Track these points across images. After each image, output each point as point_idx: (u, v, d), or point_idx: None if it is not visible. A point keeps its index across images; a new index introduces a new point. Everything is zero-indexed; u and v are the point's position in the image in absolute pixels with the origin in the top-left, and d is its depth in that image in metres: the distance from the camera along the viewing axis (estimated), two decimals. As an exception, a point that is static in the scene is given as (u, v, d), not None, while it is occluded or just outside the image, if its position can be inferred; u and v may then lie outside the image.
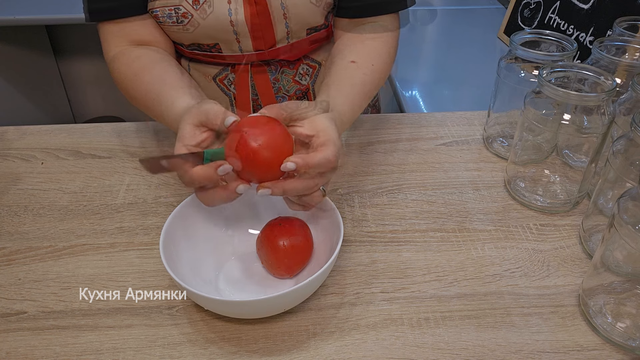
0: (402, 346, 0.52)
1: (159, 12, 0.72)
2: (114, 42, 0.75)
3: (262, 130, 0.50)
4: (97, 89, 2.29)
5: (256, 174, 0.51)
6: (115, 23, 0.73)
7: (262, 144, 0.50)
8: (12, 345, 0.52)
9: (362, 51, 0.72)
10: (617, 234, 0.50)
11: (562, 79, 0.65)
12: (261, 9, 0.72)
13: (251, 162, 0.50)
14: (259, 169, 0.51)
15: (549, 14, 1.18)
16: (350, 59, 0.70)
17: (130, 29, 0.74)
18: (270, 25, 0.74)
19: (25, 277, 0.59)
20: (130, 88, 0.70)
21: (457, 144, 0.82)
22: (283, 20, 0.75)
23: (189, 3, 0.71)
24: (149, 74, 0.69)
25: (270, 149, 0.50)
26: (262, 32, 0.75)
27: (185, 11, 0.71)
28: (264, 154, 0.50)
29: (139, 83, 0.69)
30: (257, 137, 0.50)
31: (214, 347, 0.52)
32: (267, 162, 0.50)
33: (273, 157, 0.50)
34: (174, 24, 0.73)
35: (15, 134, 0.84)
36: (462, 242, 0.64)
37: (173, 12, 0.71)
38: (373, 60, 0.72)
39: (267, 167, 0.51)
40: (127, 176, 0.75)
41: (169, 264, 0.51)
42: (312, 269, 0.58)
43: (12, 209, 0.69)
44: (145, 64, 0.71)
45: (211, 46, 0.77)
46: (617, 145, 0.56)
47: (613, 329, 0.52)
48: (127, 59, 0.72)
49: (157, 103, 0.65)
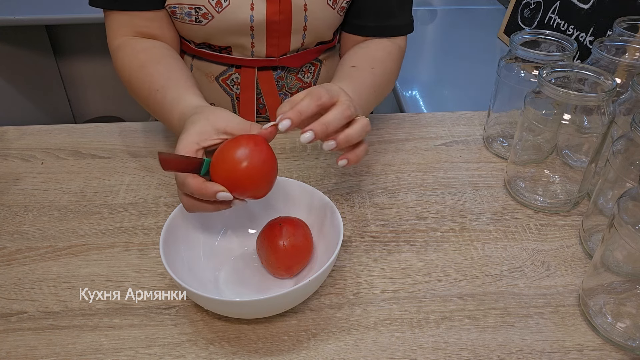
0: (402, 346, 0.52)
1: (177, 8, 0.72)
2: (120, 31, 0.74)
3: (249, 150, 0.51)
4: (97, 89, 2.29)
5: (239, 191, 0.52)
6: (126, 13, 0.73)
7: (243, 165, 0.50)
8: (12, 345, 0.52)
9: (363, 57, 0.74)
10: (617, 234, 0.50)
11: (562, 79, 0.65)
12: (284, 17, 0.73)
13: (234, 181, 0.51)
14: (240, 188, 0.51)
15: (549, 14, 1.18)
16: (351, 64, 0.72)
17: (139, 22, 0.73)
18: (288, 34, 0.75)
19: (25, 277, 0.59)
20: (135, 78, 0.70)
21: (457, 144, 0.82)
22: (302, 31, 0.76)
23: (211, 5, 0.70)
24: (154, 67, 0.68)
25: (251, 169, 0.50)
26: (278, 39, 0.75)
27: (206, 12, 0.71)
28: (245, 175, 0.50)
29: (143, 74, 0.68)
30: (240, 158, 0.50)
31: (214, 347, 0.52)
32: (248, 182, 0.51)
33: (254, 177, 0.51)
34: (191, 22, 0.73)
35: (15, 134, 0.84)
36: (462, 242, 0.64)
37: (193, 11, 0.71)
38: (373, 64, 0.73)
39: (248, 185, 0.51)
40: (127, 176, 0.75)
41: (169, 264, 0.51)
42: (312, 269, 0.58)
43: (12, 209, 0.69)
44: (152, 57, 0.70)
45: (222, 48, 0.77)
46: (617, 145, 0.56)
47: (613, 329, 0.52)
48: (132, 49, 0.72)
49: (161, 96, 0.65)
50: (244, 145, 0.51)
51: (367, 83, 0.70)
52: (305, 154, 0.79)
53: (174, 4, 0.71)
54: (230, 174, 0.50)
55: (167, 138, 0.82)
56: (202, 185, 0.50)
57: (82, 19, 1.60)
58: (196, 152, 0.52)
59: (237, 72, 0.80)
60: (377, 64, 0.74)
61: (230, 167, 0.50)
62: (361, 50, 0.77)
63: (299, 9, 0.73)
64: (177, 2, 0.71)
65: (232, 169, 0.50)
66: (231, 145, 0.51)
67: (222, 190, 0.50)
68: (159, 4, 0.72)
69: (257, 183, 0.52)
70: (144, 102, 0.70)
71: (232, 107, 0.84)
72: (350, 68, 0.71)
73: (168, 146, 0.80)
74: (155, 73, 0.68)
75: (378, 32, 0.79)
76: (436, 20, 1.59)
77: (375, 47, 0.77)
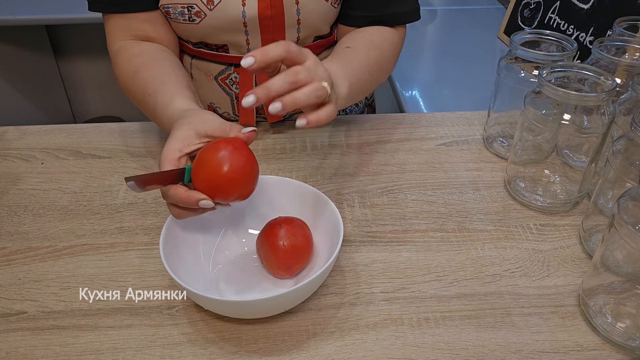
0: (402, 346, 0.52)
1: (170, 8, 0.72)
2: (118, 35, 0.75)
3: (228, 154, 0.51)
4: (97, 89, 2.29)
5: (221, 196, 0.52)
6: (121, 17, 0.73)
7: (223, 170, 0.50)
8: (12, 345, 0.52)
9: (359, 40, 0.74)
10: (617, 234, 0.50)
11: (562, 79, 0.65)
12: (276, 12, 0.73)
13: (215, 187, 0.51)
14: (222, 192, 0.51)
15: (549, 14, 1.17)
16: (346, 45, 0.72)
17: (135, 24, 0.74)
18: (282, 28, 0.75)
19: (25, 277, 0.59)
20: (130, 84, 0.71)
21: (457, 144, 0.82)
22: (296, 25, 0.75)
23: (203, 2, 0.71)
24: (148, 72, 0.69)
25: (231, 173, 0.50)
26: (272, 34, 0.75)
27: (199, 10, 0.71)
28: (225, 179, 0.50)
29: (138, 79, 0.69)
30: (219, 163, 0.50)
31: (214, 347, 0.52)
32: (229, 186, 0.51)
33: (234, 181, 0.51)
34: (185, 22, 0.73)
35: (15, 134, 0.84)
36: (462, 242, 0.64)
37: (186, 10, 0.71)
38: (369, 48, 0.73)
39: (229, 189, 0.51)
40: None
41: (169, 264, 0.51)
42: (312, 269, 0.58)
43: (12, 209, 0.69)
44: (146, 61, 0.71)
45: (219, 46, 0.77)
46: (617, 145, 0.56)
47: (613, 329, 0.52)
48: (128, 54, 0.73)
49: (153, 101, 0.66)
50: (222, 149, 0.51)
51: (361, 63, 0.69)
52: (305, 154, 0.79)
53: (167, 4, 0.72)
54: (211, 179, 0.51)
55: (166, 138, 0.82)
56: (184, 195, 0.51)
57: (82, 19, 1.60)
58: (179, 159, 0.53)
59: (235, 72, 0.80)
60: (372, 47, 0.73)
61: (210, 172, 0.51)
62: (358, 34, 0.76)
63: (291, 2, 0.73)
64: (170, 2, 0.72)
65: (212, 174, 0.51)
66: (209, 150, 0.51)
67: (204, 198, 0.51)
68: (153, 5, 0.73)
69: (238, 186, 0.52)
70: (140, 107, 0.71)
71: (231, 106, 0.84)
72: (345, 49, 0.71)
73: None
74: (148, 77, 0.68)
75: (376, 21, 0.77)
76: (436, 20, 1.59)
77: (372, 32, 0.76)
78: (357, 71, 0.68)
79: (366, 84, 0.71)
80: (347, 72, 0.65)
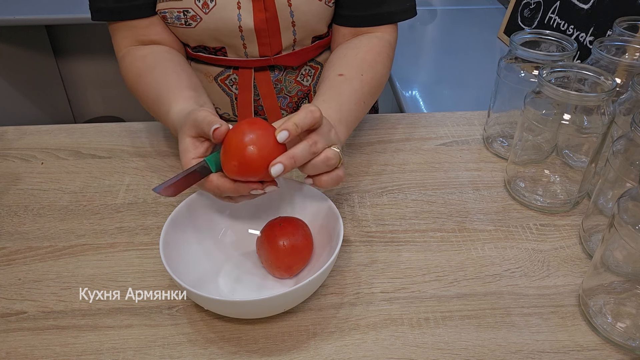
0: (402, 346, 0.52)
1: (167, 13, 0.72)
2: (124, 42, 0.76)
3: (256, 133, 0.51)
4: (97, 89, 2.29)
5: (251, 174, 0.52)
6: (124, 24, 0.74)
7: (255, 145, 0.50)
8: (12, 345, 0.52)
9: (352, 63, 0.72)
10: (617, 234, 0.50)
11: (562, 79, 0.65)
12: (270, 15, 0.73)
13: (246, 164, 0.51)
14: (253, 170, 0.51)
15: (549, 14, 1.18)
16: (339, 72, 0.71)
17: (138, 30, 0.75)
18: (277, 31, 0.75)
19: (25, 277, 0.59)
20: (135, 90, 0.72)
21: (457, 144, 0.82)
22: (291, 27, 0.75)
23: (198, 6, 0.71)
24: (150, 76, 0.70)
25: (262, 150, 0.50)
26: (269, 39, 0.75)
27: (194, 14, 0.71)
28: (257, 155, 0.50)
29: (142, 84, 0.70)
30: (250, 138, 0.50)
31: (214, 347, 0.52)
32: (261, 162, 0.51)
33: (266, 158, 0.51)
34: (182, 26, 0.73)
35: (15, 134, 0.84)
36: (462, 242, 0.64)
37: (182, 15, 0.72)
38: (362, 71, 0.71)
39: (261, 167, 0.51)
40: (127, 176, 0.75)
41: (169, 264, 0.51)
42: (312, 269, 0.58)
43: (12, 209, 0.69)
44: (148, 65, 0.72)
45: (217, 49, 0.77)
46: (617, 145, 0.56)
47: (613, 329, 0.52)
48: (133, 58, 0.73)
49: (157, 106, 0.67)
50: (247, 132, 0.51)
51: (354, 96, 0.68)
52: (305, 154, 0.79)
53: (163, 9, 0.72)
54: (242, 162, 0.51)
55: (167, 138, 0.82)
56: (232, 187, 0.53)
57: (82, 19, 1.60)
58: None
59: (234, 73, 0.80)
60: (366, 69, 0.72)
61: (240, 155, 0.51)
62: (350, 52, 0.74)
63: (283, 5, 0.73)
64: (167, 7, 0.72)
65: (241, 157, 0.51)
66: (235, 134, 0.51)
67: (255, 188, 0.53)
68: (152, 10, 0.74)
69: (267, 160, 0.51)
70: (149, 111, 0.72)
71: (231, 107, 0.84)
72: (338, 77, 0.70)
73: (168, 146, 0.80)
74: (151, 82, 0.69)
75: (368, 21, 0.77)
76: (436, 20, 1.59)
77: (365, 49, 0.75)
78: (354, 109, 0.68)
79: (361, 114, 0.71)
80: (343, 115, 0.65)
